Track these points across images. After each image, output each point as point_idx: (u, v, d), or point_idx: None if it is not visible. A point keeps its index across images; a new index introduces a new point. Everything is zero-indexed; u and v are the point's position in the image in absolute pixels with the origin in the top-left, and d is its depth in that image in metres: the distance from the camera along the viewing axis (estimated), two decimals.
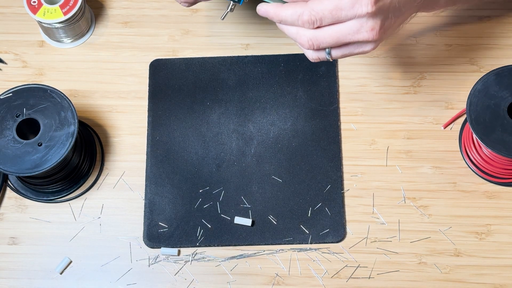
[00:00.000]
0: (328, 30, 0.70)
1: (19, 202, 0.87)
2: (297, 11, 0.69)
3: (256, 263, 0.84)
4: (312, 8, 0.68)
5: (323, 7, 0.68)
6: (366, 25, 0.69)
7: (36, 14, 0.89)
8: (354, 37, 0.70)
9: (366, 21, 0.69)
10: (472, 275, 0.83)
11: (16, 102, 0.81)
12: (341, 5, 0.67)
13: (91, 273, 0.84)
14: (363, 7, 0.67)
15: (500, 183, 0.87)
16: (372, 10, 0.68)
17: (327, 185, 0.87)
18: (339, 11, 0.68)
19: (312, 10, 0.68)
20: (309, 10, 0.68)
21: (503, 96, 0.80)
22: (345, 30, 0.69)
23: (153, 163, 0.88)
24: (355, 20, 0.69)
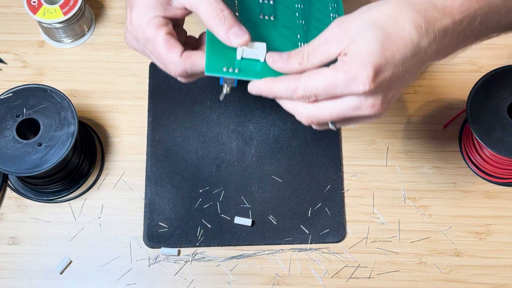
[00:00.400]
0: (326, 106, 0.64)
1: (19, 202, 0.87)
2: (290, 86, 0.63)
3: (256, 263, 0.84)
4: (305, 84, 0.62)
5: (316, 83, 0.62)
6: (365, 102, 0.63)
7: (36, 14, 0.89)
8: (354, 113, 0.64)
9: (365, 99, 0.63)
10: (472, 275, 0.83)
11: (16, 102, 0.81)
12: (335, 83, 0.61)
13: (91, 273, 0.84)
14: (360, 86, 0.61)
15: (500, 183, 0.87)
16: (370, 89, 0.61)
17: (327, 185, 0.87)
18: (333, 89, 0.62)
19: (306, 86, 0.62)
20: (302, 86, 0.62)
21: (503, 96, 0.80)
22: (344, 107, 0.63)
23: (153, 163, 0.88)
24: (353, 97, 0.63)
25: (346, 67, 0.61)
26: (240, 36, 0.66)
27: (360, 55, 0.61)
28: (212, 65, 0.67)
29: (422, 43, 0.63)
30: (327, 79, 0.62)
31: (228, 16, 0.66)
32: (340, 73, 0.61)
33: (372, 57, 0.61)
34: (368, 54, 0.61)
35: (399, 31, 0.62)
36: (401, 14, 0.62)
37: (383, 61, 0.61)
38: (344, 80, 0.61)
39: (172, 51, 0.67)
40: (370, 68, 0.61)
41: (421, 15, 0.62)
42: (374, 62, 0.61)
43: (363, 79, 0.61)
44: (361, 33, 0.61)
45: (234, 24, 0.66)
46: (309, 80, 0.62)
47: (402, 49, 0.62)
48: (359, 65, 0.61)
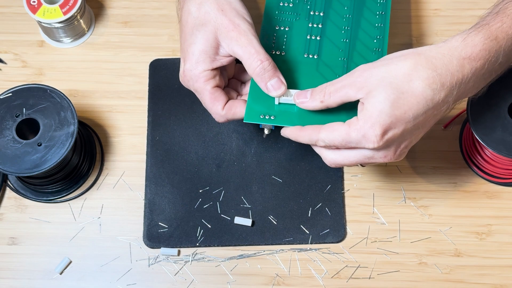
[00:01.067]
0: (345, 153, 0.71)
1: (18, 202, 0.87)
2: (312, 138, 0.71)
3: (256, 263, 0.84)
4: (323, 139, 0.70)
5: (333, 138, 0.69)
6: (377, 154, 0.70)
7: (36, 14, 0.89)
8: (371, 161, 0.71)
9: (377, 152, 0.69)
10: (472, 275, 0.83)
11: (16, 102, 0.81)
12: (348, 139, 0.68)
13: (91, 273, 0.84)
14: (369, 144, 0.67)
15: (500, 183, 0.87)
16: (379, 145, 0.68)
17: (327, 185, 0.87)
18: (348, 144, 0.69)
19: (325, 139, 0.69)
20: (323, 139, 0.70)
21: (504, 96, 0.80)
22: (360, 156, 0.70)
23: (153, 163, 0.88)
24: (366, 150, 0.69)
25: (358, 126, 0.67)
26: (277, 89, 0.73)
27: (370, 115, 0.67)
28: (251, 114, 0.75)
29: (436, 98, 0.67)
30: (341, 135, 0.68)
31: (268, 67, 0.73)
32: (353, 131, 0.67)
33: (381, 117, 0.66)
34: (378, 114, 0.66)
35: (413, 90, 0.67)
36: (417, 72, 0.67)
37: (393, 120, 0.67)
38: (355, 138, 0.68)
39: (217, 103, 0.75)
40: (378, 128, 0.66)
41: (437, 72, 0.67)
42: (383, 121, 0.66)
43: (372, 138, 0.67)
44: (377, 89, 0.67)
45: (273, 75, 0.73)
46: (326, 135, 0.69)
47: (414, 107, 0.67)
48: (369, 125, 0.67)
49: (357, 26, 0.80)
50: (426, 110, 0.68)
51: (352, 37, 0.79)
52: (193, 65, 0.75)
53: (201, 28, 0.74)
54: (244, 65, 0.74)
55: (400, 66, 0.67)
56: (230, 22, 0.74)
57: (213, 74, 0.75)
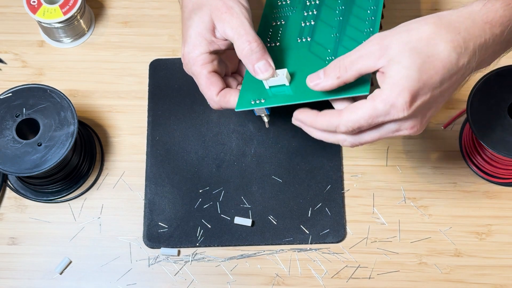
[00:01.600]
0: (368, 133, 0.68)
1: (18, 202, 0.87)
2: (332, 123, 0.67)
3: (256, 263, 0.84)
4: (347, 121, 0.66)
5: (358, 117, 0.65)
6: (405, 124, 0.66)
7: (36, 14, 0.89)
8: (395, 135, 0.68)
9: (405, 122, 0.66)
10: (472, 275, 0.83)
11: (16, 102, 0.81)
12: (376, 113, 0.64)
13: (91, 273, 0.84)
14: (399, 113, 0.64)
15: (500, 183, 0.87)
16: (409, 114, 0.64)
17: (327, 185, 0.87)
18: (375, 119, 0.65)
19: (348, 122, 0.66)
20: (344, 123, 0.66)
21: (504, 96, 0.80)
22: (384, 131, 0.67)
23: (153, 163, 0.88)
24: (393, 122, 0.66)
25: (383, 96, 0.64)
26: (264, 71, 0.72)
27: (397, 82, 0.63)
28: (242, 102, 0.74)
29: (461, 62, 0.65)
30: (367, 112, 0.65)
31: (255, 49, 0.72)
32: (379, 103, 0.64)
33: (409, 82, 0.63)
34: (406, 80, 0.63)
35: (438, 53, 0.64)
36: (440, 35, 0.64)
37: (421, 86, 0.64)
38: (383, 110, 0.64)
39: (212, 88, 0.75)
40: (407, 94, 0.63)
41: (460, 35, 0.64)
42: (411, 87, 0.63)
43: (401, 106, 0.63)
44: (400, 56, 0.63)
45: (261, 58, 0.72)
46: (350, 116, 0.65)
47: (441, 71, 0.64)
48: (396, 92, 0.63)
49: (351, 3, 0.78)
50: (451, 74, 0.65)
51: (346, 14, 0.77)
52: (191, 48, 0.75)
53: (197, 11, 0.75)
54: (235, 48, 0.73)
55: (422, 30, 0.64)
56: (224, 4, 0.74)
57: (210, 58, 0.75)
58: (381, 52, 0.64)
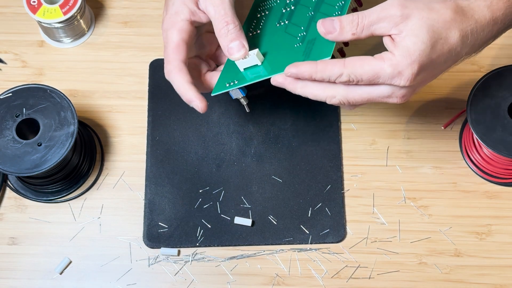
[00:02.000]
0: (360, 91, 0.69)
1: (18, 202, 0.87)
2: (335, 71, 0.67)
3: (256, 263, 0.84)
4: (352, 72, 0.66)
5: (363, 71, 0.66)
6: (398, 92, 0.69)
7: (36, 14, 0.89)
8: (383, 100, 0.70)
9: (399, 90, 0.68)
10: (472, 275, 0.83)
11: (16, 102, 0.81)
12: (381, 74, 0.66)
13: (91, 273, 0.84)
14: (402, 81, 0.66)
15: (500, 183, 0.87)
16: (410, 84, 0.67)
17: (327, 185, 0.87)
18: (377, 78, 0.66)
19: (352, 74, 0.66)
20: (348, 73, 0.67)
21: (503, 96, 0.80)
22: (377, 93, 0.69)
23: (153, 163, 0.88)
24: (388, 86, 0.68)
25: (394, 61, 0.66)
26: (236, 52, 0.72)
27: (411, 52, 0.65)
28: (218, 87, 0.75)
29: (463, 51, 0.69)
30: (374, 69, 0.66)
31: (232, 30, 0.73)
32: (388, 66, 0.66)
33: (421, 57, 0.66)
34: (419, 53, 0.65)
35: (449, 37, 0.67)
36: (455, 22, 0.67)
37: (428, 63, 0.66)
38: (390, 74, 0.66)
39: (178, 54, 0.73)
40: (416, 67, 0.66)
41: (470, 27, 0.68)
42: (422, 62, 0.66)
43: (407, 76, 0.66)
44: (419, 30, 0.66)
45: (236, 38, 0.72)
46: (356, 68, 0.66)
47: (446, 54, 0.67)
48: (408, 62, 0.65)
49: None
50: (451, 59, 0.68)
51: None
52: (173, 14, 0.75)
53: None
54: (213, 26, 0.74)
55: (443, 13, 0.67)
56: None
57: (189, 28, 0.75)
58: (401, 19, 0.66)
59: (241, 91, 0.75)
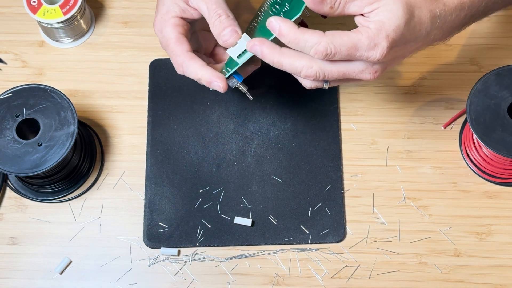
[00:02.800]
0: (336, 65, 0.69)
1: (19, 202, 0.87)
2: (315, 38, 0.67)
3: (256, 263, 0.84)
4: (331, 41, 0.67)
5: (342, 41, 0.67)
6: (371, 68, 0.70)
7: (36, 14, 0.89)
8: (357, 76, 0.70)
9: (372, 65, 0.70)
10: (472, 275, 0.83)
11: (16, 102, 0.81)
12: (358, 45, 0.67)
13: (91, 273, 0.84)
14: (376, 54, 0.67)
15: (500, 183, 0.87)
16: (382, 59, 0.68)
17: (327, 185, 0.87)
18: (354, 51, 0.67)
19: (331, 43, 0.67)
20: (327, 42, 0.67)
21: (503, 96, 0.80)
22: (352, 68, 0.70)
23: (153, 163, 0.88)
24: (363, 62, 0.69)
25: (370, 33, 0.67)
26: (229, 37, 0.73)
27: (386, 27, 0.67)
28: None
29: (432, 33, 0.70)
30: (351, 40, 0.67)
31: (224, 20, 0.73)
32: (365, 39, 0.67)
33: (395, 32, 0.67)
34: (394, 28, 0.67)
35: (421, 17, 0.69)
36: (426, 2, 0.69)
37: (401, 38, 0.68)
38: (366, 45, 0.67)
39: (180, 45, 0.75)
40: (390, 41, 0.67)
41: (438, 9, 0.70)
42: (396, 36, 0.67)
43: (382, 49, 0.67)
44: (393, 6, 0.67)
45: (228, 26, 0.73)
46: (335, 38, 0.67)
47: (417, 32, 0.69)
48: (383, 35, 0.67)
49: None
50: (420, 39, 0.70)
51: None
52: (164, 13, 0.76)
53: None
54: (207, 21, 0.74)
55: None
56: None
57: (182, 23, 0.76)
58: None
59: (236, 77, 0.75)
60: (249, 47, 0.71)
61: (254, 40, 0.70)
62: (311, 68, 0.69)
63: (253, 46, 0.70)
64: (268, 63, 0.71)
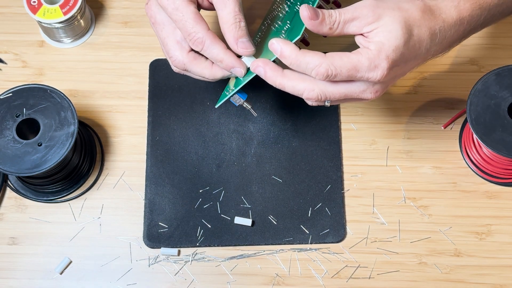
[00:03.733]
0: (337, 87, 0.70)
1: (19, 202, 0.87)
2: (316, 60, 0.68)
3: (256, 263, 0.84)
4: (332, 62, 0.67)
5: (342, 64, 0.67)
6: (372, 88, 0.71)
7: (36, 14, 0.89)
8: (358, 96, 0.71)
9: (373, 85, 0.70)
10: (472, 275, 0.83)
11: (16, 102, 0.81)
12: (359, 66, 0.68)
13: (91, 273, 0.84)
14: (376, 75, 0.68)
15: (500, 183, 0.87)
16: (383, 79, 0.69)
17: (327, 185, 0.87)
18: (355, 72, 0.68)
19: (331, 65, 0.67)
20: (328, 64, 0.67)
21: (503, 96, 0.80)
22: (353, 89, 0.70)
23: (153, 163, 0.88)
24: (363, 82, 0.70)
25: (370, 55, 0.68)
26: (246, 48, 0.72)
27: (386, 48, 0.68)
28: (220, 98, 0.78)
29: (432, 49, 0.71)
30: (352, 62, 0.67)
31: (243, 27, 0.73)
32: (365, 60, 0.67)
33: (395, 52, 0.68)
34: (393, 48, 0.68)
35: (420, 35, 0.69)
36: (425, 20, 0.70)
37: (401, 58, 0.68)
38: (367, 66, 0.67)
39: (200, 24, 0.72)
40: (390, 61, 0.68)
41: (438, 26, 0.70)
42: (395, 57, 0.68)
43: (382, 70, 0.68)
44: (392, 27, 0.68)
45: (245, 35, 0.73)
46: (335, 59, 0.68)
47: (416, 51, 0.70)
48: (383, 56, 0.67)
49: None
50: (420, 57, 0.71)
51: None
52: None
53: None
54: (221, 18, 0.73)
55: (413, 11, 0.69)
56: None
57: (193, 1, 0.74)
58: (373, 19, 0.68)
59: (240, 95, 0.76)
60: (253, 67, 0.72)
61: (258, 61, 0.71)
62: (313, 90, 0.70)
63: (257, 67, 0.71)
64: (270, 84, 0.71)
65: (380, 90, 0.71)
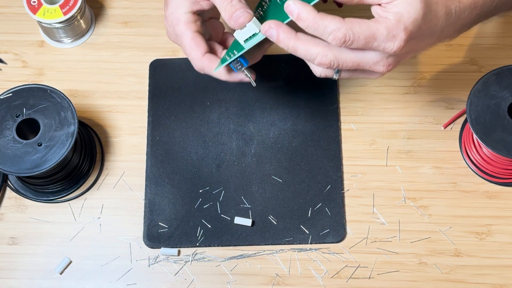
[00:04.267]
0: (352, 54, 0.69)
1: (19, 202, 0.87)
2: (334, 24, 0.66)
3: (256, 263, 0.84)
4: (350, 28, 0.66)
5: (360, 30, 0.66)
6: (385, 60, 0.69)
7: (36, 14, 0.89)
8: (371, 67, 0.70)
9: (387, 57, 0.69)
10: (472, 275, 0.83)
11: (16, 102, 0.81)
12: (377, 35, 0.66)
13: (91, 273, 0.84)
14: (393, 45, 0.66)
15: (500, 183, 0.87)
16: (399, 51, 0.67)
17: (327, 185, 0.87)
18: (372, 40, 0.66)
19: (350, 30, 0.66)
20: (346, 28, 0.66)
21: (503, 96, 0.80)
22: (367, 58, 0.69)
23: (153, 163, 0.88)
24: (378, 53, 0.69)
25: (389, 24, 0.66)
26: (241, 17, 0.70)
27: (405, 19, 0.66)
28: (220, 62, 0.75)
29: (445, 30, 0.70)
30: (370, 29, 0.66)
31: (235, 3, 0.71)
32: (383, 28, 0.66)
33: (413, 24, 0.66)
34: (412, 20, 0.66)
35: (437, 11, 0.68)
36: None
37: (418, 32, 0.67)
38: (384, 35, 0.66)
39: (196, 49, 0.75)
40: (408, 33, 0.66)
41: (454, 6, 0.69)
42: (413, 29, 0.67)
43: (399, 41, 0.66)
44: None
45: (239, 8, 0.71)
46: (354, 25, 0.66)
47: (433, 27, 0.68)
48: (402, 27, 0.66)
49: None
50: (435, 35, 0.69)
51: None
52: (174, 8, 0.75)
53: None
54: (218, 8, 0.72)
55: None
56: None
57: (194, 18, 0.76)
58: None
59: (242, 61, 0.74)
60: (264, 29, 0.69)
61: (270, 22, 0.68)
62: (326, 56, 0.68)
63: (268, 29, 0.68)
64: (282, 47, 0.69)
65: (393, 64, 0.70)
